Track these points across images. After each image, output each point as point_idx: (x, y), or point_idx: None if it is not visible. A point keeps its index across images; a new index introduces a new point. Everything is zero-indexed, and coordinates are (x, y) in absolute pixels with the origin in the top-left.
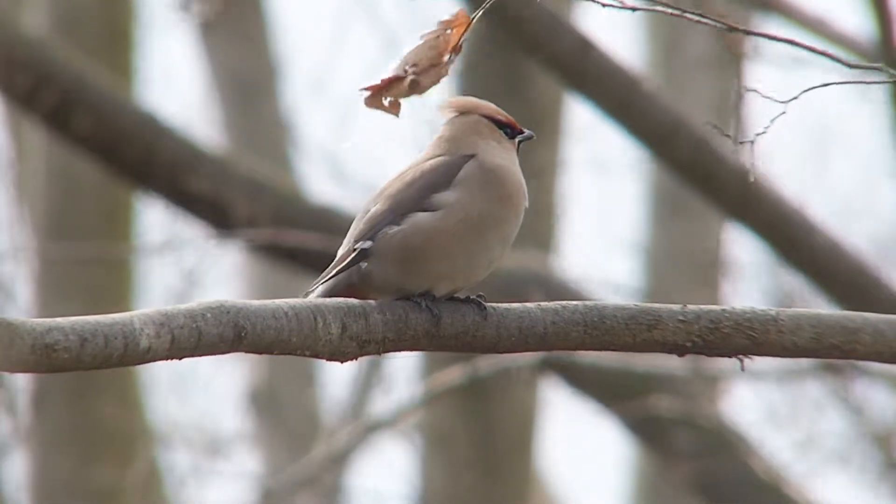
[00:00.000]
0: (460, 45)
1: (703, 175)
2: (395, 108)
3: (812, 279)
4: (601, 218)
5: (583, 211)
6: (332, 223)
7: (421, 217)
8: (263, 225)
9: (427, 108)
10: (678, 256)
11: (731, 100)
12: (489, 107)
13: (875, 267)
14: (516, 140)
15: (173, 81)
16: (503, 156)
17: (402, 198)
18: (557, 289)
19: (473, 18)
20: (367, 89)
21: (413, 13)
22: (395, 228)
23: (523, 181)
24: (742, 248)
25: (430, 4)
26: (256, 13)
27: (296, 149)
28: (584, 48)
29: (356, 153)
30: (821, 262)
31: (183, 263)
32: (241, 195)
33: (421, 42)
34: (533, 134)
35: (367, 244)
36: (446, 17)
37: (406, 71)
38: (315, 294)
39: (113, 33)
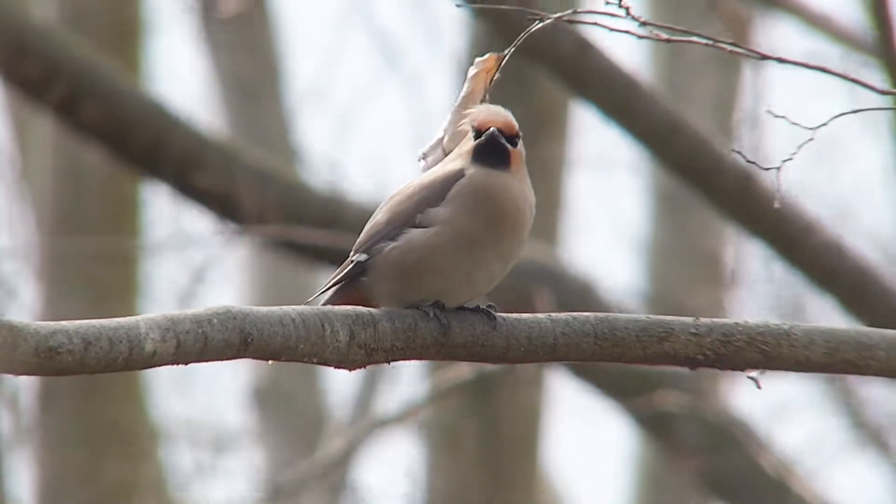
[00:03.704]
0: (492, 83)
1: (702, 175)
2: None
3: (812, 279)
4: (605, 215)
5: (587, 208)
6: (339, 213)
7: (414, 234)
8: (272, 215)
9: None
10: (682, 253)
11: (734, 104)
12: (506, 122)
13: (876, 267)
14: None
15: (176, 83)
16: (501, 172)
17: (399, 210)
18: (568, 283)
19: (503, 60)
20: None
21: (411, 20)
22: (391, 244)
23: (525, 196)
24: (746, 244)
25: (428, 10)
26: (261, 17)
27: (296, 155)
28: (582, 49)
29: (356, 159)
30: (821, 262)
31: (190, 259)
32: (250, 185)
33: (468, 98)
34: (492, 133)
35: (363, 257)
36: (475, 68)
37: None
38: (318, 304)
39: (119, 31)
